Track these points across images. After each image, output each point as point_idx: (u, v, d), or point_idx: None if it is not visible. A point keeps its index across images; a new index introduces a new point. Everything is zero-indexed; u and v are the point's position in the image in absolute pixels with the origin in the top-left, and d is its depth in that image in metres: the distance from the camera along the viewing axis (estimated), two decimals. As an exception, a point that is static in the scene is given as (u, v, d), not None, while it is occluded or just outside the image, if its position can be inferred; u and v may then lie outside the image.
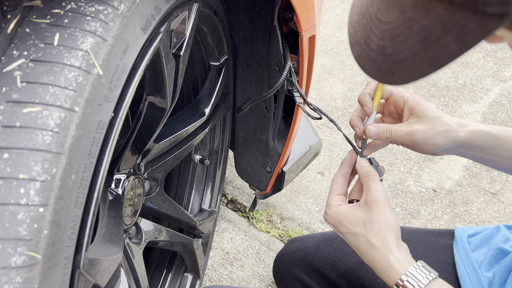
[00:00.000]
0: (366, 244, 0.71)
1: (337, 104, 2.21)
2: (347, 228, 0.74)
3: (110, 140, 0.59)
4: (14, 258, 0.46)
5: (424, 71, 0.39)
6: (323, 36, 2.74)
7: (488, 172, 1.88)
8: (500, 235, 0.89)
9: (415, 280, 0.67)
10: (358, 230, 0.72)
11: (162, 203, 0.99)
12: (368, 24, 0.43)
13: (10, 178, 0.46)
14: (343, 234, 0.76)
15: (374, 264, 0.71)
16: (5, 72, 0.49)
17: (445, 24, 0.36)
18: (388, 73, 0.42)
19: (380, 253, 0.70)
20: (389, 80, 0.43)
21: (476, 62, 2.57)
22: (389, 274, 0.69)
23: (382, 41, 0.41)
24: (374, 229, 0.71)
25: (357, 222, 0.73)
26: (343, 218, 0.75)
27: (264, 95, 1.03)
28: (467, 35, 0.35)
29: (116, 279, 0.79)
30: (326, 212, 0.78)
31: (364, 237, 0.72)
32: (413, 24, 0.38)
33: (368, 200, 0.73)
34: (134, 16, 0.58)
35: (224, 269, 1.42)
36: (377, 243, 0.70)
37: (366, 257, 0.72)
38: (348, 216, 0.74)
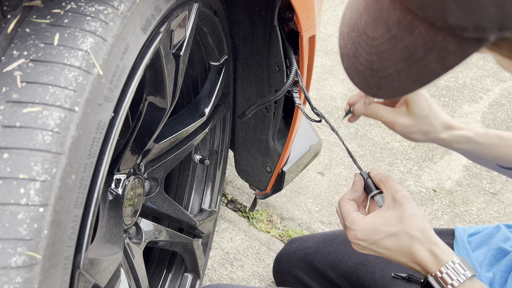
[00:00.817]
0: (408, 239, 0.70)
1: (337, 104, 2.21)
2: (384, 232, 0.71)
3: (110, 140, 0.59)
4: (14, 258, 0.46)
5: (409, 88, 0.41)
6: (323, 36, 2.74)
7: (488, 172, 1.88)
8: (500, 235, 0.89)
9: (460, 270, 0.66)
10: (397, 228, 0.70)
11: (162, 203, 0.99)
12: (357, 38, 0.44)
13: (10, 178, 0.46)
14: (377, 243, 0.72)
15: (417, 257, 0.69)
16: (5, 72, 0.49)
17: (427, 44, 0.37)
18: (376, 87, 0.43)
19: (424, 245, 0.69)
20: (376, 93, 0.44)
21: (476, 62, 2.57)
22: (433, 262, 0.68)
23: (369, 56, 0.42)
24: (412, 222, 0.70)
25: (393, 221, 0.71)
26: (376, 224, 0.72)
27: (271, 99, 1.02)
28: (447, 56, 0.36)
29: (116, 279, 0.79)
30: (352, 229, 0.74)
31: (404, 232, 0.70)
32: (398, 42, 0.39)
33: (398, 197, 0.72)
34: (134, 16, 0.58)
35: (224, 269, 1.42)
36: (419, 235, 0.69)
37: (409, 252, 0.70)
38: (381, 220, 0.72)
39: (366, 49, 0.43)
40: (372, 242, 0.72)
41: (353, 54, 0.45)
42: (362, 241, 0.73)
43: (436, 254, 0.68)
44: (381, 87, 0.43)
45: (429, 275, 0.68)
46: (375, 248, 0.73)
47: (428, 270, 0.69)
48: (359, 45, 0.43)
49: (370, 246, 0.73)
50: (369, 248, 0.73)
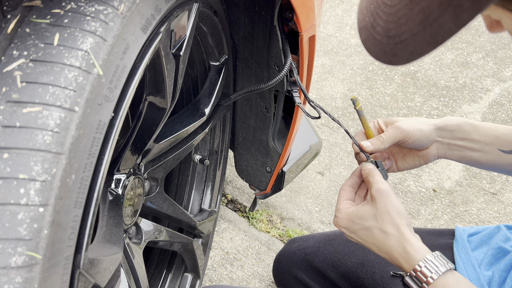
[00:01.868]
0: (381, 235, 0.73)
1: (337, 104, 2.21)
2: (359, 224, 0.76)
3: (110, 140, 0.59)
4: (14, 258, 0.46)
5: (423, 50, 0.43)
6: (323, 36, 2.74)
7: (488, 172, 1.88)
8: (501, 235, 0.89)
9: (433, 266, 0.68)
10: (370, 223, 0.74)
11: (162, 203, 0.99)
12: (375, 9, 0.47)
13: (10, 178, 0.46)
14: (356, 233, 0.77)
15: (391, 253, 0.72)
16: (5, 72, 0.49)
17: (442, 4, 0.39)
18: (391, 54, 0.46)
19: (396, 240, 0.71)
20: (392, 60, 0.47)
21: (476, 62, 2.57)
22: (407, 260, 0.70)
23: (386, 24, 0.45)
24: (385, 219, 0.72)
25: (368, 216, 0.75)
26: (354, 217, 0.77)
27: (259, 88, 1.01)
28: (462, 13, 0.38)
29: (116, 279, 0.79)
30: (336, 217, 0.80)
31: (377, 228, 0.73)
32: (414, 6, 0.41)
33: (372, 193, 0.75)
34: (134, 16, 0.58)
35: (224, 269, 1.42)
36: (392, 231, 0.72)
37: (383, 248, 0.73)
38: (358, 213, 0.76)
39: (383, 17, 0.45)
40: (351, 231, 0.77)
41: (371, 25, 0.48)
42: (343, 228, 0.78)
43: (408, 252, 0.70)
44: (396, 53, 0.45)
45: (405, 275, 0.71)
46: (355, 238, 0.77)
47: (403, 269, 0.71)
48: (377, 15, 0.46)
49: (351, 234, 0.78)
50: (352, 236, 0.78)
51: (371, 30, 0.48)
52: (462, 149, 0.86)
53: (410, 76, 2.43)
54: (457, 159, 0.88)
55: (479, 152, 0.85)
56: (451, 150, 0.87)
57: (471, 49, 2.67)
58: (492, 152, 0.84)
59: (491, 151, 0.84)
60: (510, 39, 2.77)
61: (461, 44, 2.70)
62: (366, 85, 2.35)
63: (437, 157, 0.88)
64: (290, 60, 0.96)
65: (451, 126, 0.85)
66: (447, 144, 0.86)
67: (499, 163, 0.85)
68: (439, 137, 0.86)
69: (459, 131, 0.85)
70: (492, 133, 0.84)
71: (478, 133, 0.84)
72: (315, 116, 0.93)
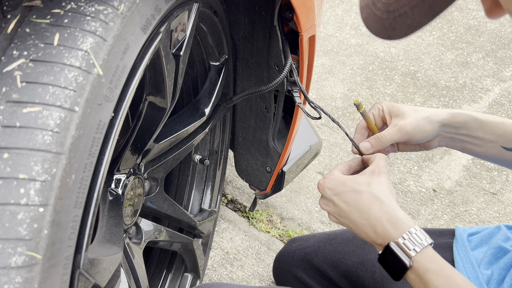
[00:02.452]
0: (371, 199, 0.72)
1: (337, 104, 2.21)
2: (350, 186, 0.75)
3: (110, 140, 0.59)
4: (14, 258, 0.46)
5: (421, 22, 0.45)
6: (323, 36, 2.74)
7: (488, 172, 1.88)
8: (501, 234, 0.89)
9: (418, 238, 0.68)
10: (363, 188, 0.74)
11: (162, 203, 0.99)
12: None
13: (10, 178, 0.47)
14: (340, 195, 0.75)
15: (376, 218, 0.71)
16: (5, 72, 0.49)
17: None
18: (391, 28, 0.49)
19: (387, 207, 0.71)
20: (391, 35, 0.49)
21: (476, 62, 2.57)
22: (396, 226, 0.70)
23: None
24: (380, 189, 0.73)
25: (362, 182, 0.75)
26: (347, 179, 0.76)
27: (263, 89, 1.01)
28: None
29: (116, 279, 0.79)
30: (324, 178, 0.79)
31: (368, 193, 0.73)
32: None
33: (376, 169, 0.76)
34: (134, 16, 0.58)
35: (224, 269, 1.42)
36: (384, 199, 0.72)
37: (366, 212, 0.72)
38: (353, 178, 0.76)
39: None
40: (336, 192, 0.76)
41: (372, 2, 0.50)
42: (328, 189, 0.77)
43: (399, 219, 0.71)
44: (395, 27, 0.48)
45: (391, 242, 0.69)
46: (336, 200, 0.76)
47: (389, 236, 0.70)
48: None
49: (332, 197, 0.76)
50: (331, 199, 0.77)
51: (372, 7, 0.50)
52: (464, 143, 0.86)
53: (410, 76, 2.43)
54: (458, 149, 0.88)
55: (481, 147, 0.86)
56: (453, 142, 0.87)
57: (471, 49, 2.67)
58: (494, 148, 0.85)
59: (494, 147, 0.85)
60: (511, 39, 2.78)
61: (461, 44, 2.70)
62: (366, 85, 2.35)
63: (439, 146, 0.88)
64: (290, 62, 0.96)
65: (457, 123, 0.85)
66: (450, 137, 0.87)
67: (500, 158, 0.86)
68: (443, 132, 0.86)
69: (465, 128, 0.85)
70: (498, 131, 0.83)
71: (483, 131, 0.84)
72: (316, 116, 0.93)
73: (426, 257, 0.67)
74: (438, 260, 0.68)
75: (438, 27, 2.84)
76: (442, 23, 2.90)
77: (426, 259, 0.67)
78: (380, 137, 0.83)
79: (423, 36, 2.76)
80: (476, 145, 0.86)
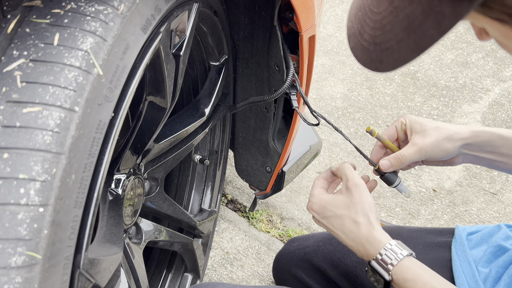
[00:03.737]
0: (351, 223, 0.78)
1: (337, 104, 2.21)
2: (331, 211, 0.80)
3: (110, 140, 0.59)
4: (14, 258, 0.46)
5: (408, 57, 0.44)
6: (323, 36, 2.74)
7: (488, 172, 1.88)
8: (501, 233, 0.89)
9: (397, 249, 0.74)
10: (343, 212, 0.79)
11: (162, 203, 0.99)
12: (363, 16, 0.48)
13: (10, 178, 0.47)
14: (326, 219, 0.81)
15: (358, 239, 0.77)
16: (5, 72, 0.49)
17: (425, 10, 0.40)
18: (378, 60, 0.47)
19: (365, 228, 0.77)
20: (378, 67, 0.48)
21: (476, 62, 2.57)
22: (373, 244, 0.76)
23: (373, 31, 0.47)
24: (357, 210, 0.78)
25: (341, 205, 0.80)
26: (327, 203, 0.81)
27: (266, 98, 1.03)
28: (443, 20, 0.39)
29: (116, 279, 0.79)
30: (310, 201, 0.84)
31: (348, 217, 0.78)
32: (399, 13, 0.43)
33: (349, 185, 0.80)
34: (134, 16, 0.58)
35: (224, 269, 1.42)
36: (362, 220, 0.77)
37: (350, 235, 0.78)
38: (332, 201, 0.81)
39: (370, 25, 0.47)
40: (322, 216, 0.82)
41: (358, 32, 0.49)
42: (316, 213, 0.83)
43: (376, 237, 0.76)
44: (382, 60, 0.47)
45: (371, 260, 0.75)
46: (326, 223, 0.82)
47: (369, 254, 0.76)
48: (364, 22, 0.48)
49: (322, 220, 0.82)
50: (322, 222, 0.83)
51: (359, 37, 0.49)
52: (489, 161, 0.85)
53: (410, 76, 2.43)
54: (484, 166, 0.88)
55: (507, 164, 0.84)
56: (478, 160, 0.86)
57: (471, 49, 2.67)
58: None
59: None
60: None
61: (461, 44, 2.70)
62: (366, 85, 2.36)
63: (463, 163, 0.88)
64: (292, 70, 0.97)
65: (480, 142, 0.83)
66: (474, 156, 0.85)
67: None
68: (466, 149, 0.84)
69: (489, 146, 0.83)
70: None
71: (508, 147, 0.82)
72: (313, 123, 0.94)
73: (403, 268, 0.72)
74: (415, 269, 0.72)
75: (438, 27, 2.85)
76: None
77: (403, 270, 0.72)
78: (400, 156, 0.84)
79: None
80: (502, 162, 0.84)
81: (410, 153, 0.83)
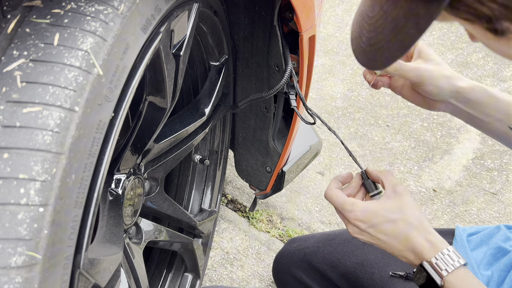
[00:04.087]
0: (406, 227, 0.73)
1: (337, 104, 2.21)
2: (383, 216, 0.75)
3: (110, 140, 0.59)
4: (14, 258, 0.46)
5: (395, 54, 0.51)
6: (323, 36, 2.74)
7: (488, 172, 1.88)
8: (500, 234, 0.89)
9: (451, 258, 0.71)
10: (397, 216, 0.74)
11: (162, 203, 0.99)
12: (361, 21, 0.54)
13: (10, 178, 0.47)
14: (376, 227, 0.75)
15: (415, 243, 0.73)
16: (5, 72, 0.49)
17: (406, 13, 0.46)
18: (373, 59, 0.54)
19: (420, 233, 0.73)
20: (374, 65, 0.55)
21: (476, 62, 2.57)
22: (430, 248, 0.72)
23: (369, 34, 0.52)
24: (411, 212, 0.74)
25: (394, 209, 0.75)
26: (378, 209, 0.75)
27: (264, 95, 1.03)
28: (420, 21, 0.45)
29: (116, 279, 0.79)
30: (353, 211, 0.76)
31: (403, 220, 0.74)
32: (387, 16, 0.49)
33: (398, 189, 0.76)
34: (134, 16, 0.58)
35: (224, 269, 1.42)
36: (417, 223, 0.74)
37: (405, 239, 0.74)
38: (382, 206, 0.76)
39: (367, 28, 0.53)
40: (371, 224, 0.75)
41: (358, 36, 0.55)
42: (362, 222, 0.76)
43: (432, 242, 0.72)
44: (376, 59, 0.53)
45: (424, 262, 0.72)
46: (372, 232, 0.76)
47: (423, 257, 0.72)
48: (363, 26, 0.54)
49: (368, 229, 0.76)
50: (367, 231, 0.76)
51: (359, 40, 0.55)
52: (471, 116, 0.85)
53: (410, 76, 2.43)
54: (462, 119, 0.88)
55: (487, 124, 0.85)
56: (460, 113, 0.86)
57: (471, 49, 2.67)
58: (500, 127, 0.84)
59: (500, 126, 0.84)
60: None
61: (461, 44, 2.71)
62: (366, 85, 2.35)
63: (442, 111, 0.88)
64: (290, 67, 0.97)
65: (472, 97, 0.83)
66: (457, 107, 0.85)
67: (502, 136, 0.85)
68: (453, 99, 0.84)
69: (477, 103, 0.83)
70: (509, 112, 0.82)
71: (495, 108, 0.83)
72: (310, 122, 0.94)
73: (457, 277, 0.70)
74: (470, 280, 0.70)
75: (438, 27, 2.85)
76: (442, 23, 2.90)
77: (458, 280, 0.70)
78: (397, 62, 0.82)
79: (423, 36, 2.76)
80: (482, 121, 0.85)
81: (408, 66, 0.82)
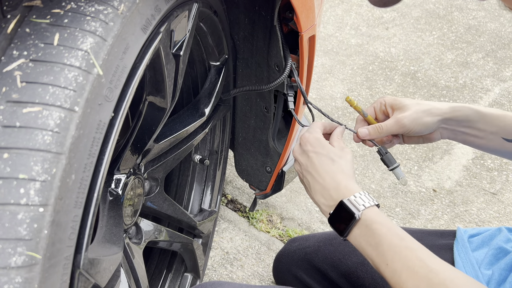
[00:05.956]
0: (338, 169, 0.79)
1: (337, 104, 2.21)
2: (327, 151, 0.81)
3: (110, 140, 0.59)
4: (14, 258, 0.46)
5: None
6: (323, 36, 2.74)
7: (488, 172, 1.88)
8: (502, 236, 0.89)
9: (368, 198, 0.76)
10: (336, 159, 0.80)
11: (162, 203, 0.99)
12: None
13: (10, 178, 0.47)
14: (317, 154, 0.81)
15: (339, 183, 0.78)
16: (5, 72, 0.49)
17: None
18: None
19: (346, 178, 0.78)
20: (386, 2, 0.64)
21: (476, 62, 2.57)
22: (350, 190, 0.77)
23: None
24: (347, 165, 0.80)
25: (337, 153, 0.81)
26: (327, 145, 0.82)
27: (261, 88, 1.03)
28: None
29: (116, 279, 0.79)
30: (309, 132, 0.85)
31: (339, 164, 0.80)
32: None
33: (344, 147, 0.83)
34: (134, 16, 0.58)
35: (224, 269, 1.42)
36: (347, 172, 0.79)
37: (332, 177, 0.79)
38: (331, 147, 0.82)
39: None
40: (315, 151, 0.82)
41: None
42: (310, 145, 0.83)
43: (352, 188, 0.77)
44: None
45: (343, 199, 0.76)
46: (313, 156, 0.82)
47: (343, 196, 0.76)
48: None
49: (310, 153, 0.82)
50: (308, 154, 0.83)
51: None
52: (466, 135, 0.88)
53: (410, 76, 2.43)
54: (460, 142, 0.91)
55: (482, 140, 0.88)
56: (455, 135, 0.90)
57: (471, 49, 2.67)
58: (495, 140, 0.87)
59: (495, 139, 0.87)
60: (511, 39, 2.78)
61: (461, 44, 2.71)
62: (366, 85, 2.36)
63: (441, 139, 0.91)
64: (290, 63, 0.97)
65: (459, 117, 0.87)
66: (452, 130, 0.89)
67: (501, 149, 0.88)
68: (444, 124, 0.88)
69: (466, 121, 0.87)
70: (499, 123, 0.86)
71: (484, 123, 0.86)
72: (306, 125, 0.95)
73: (373, 212, 0.74)
74: (384, 216, 0.75)
75: (438, 27, 2.85)
76: (442, 23, 2.90)
77: (373, 213, 0.74)
78: (378, 127, 0.87)
79: (423, 36, 2.76)
80: (477, 137, 0.88)
81: (387, 124, 0.86)
